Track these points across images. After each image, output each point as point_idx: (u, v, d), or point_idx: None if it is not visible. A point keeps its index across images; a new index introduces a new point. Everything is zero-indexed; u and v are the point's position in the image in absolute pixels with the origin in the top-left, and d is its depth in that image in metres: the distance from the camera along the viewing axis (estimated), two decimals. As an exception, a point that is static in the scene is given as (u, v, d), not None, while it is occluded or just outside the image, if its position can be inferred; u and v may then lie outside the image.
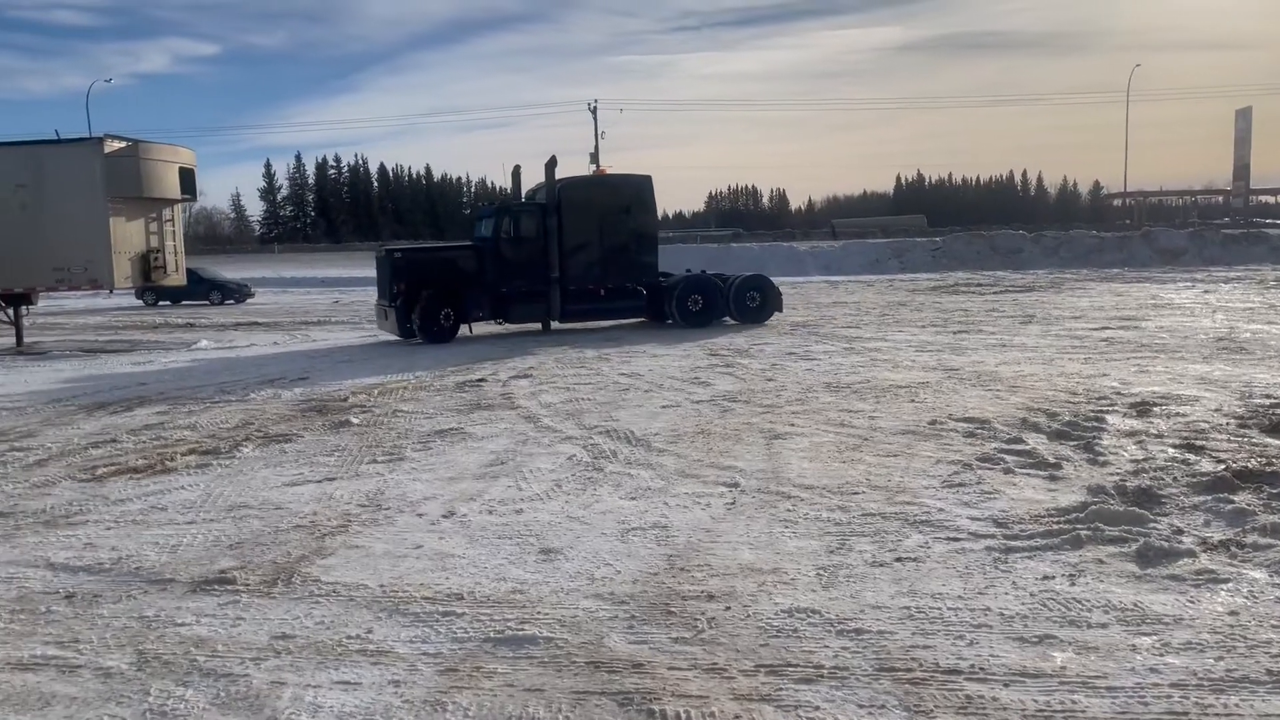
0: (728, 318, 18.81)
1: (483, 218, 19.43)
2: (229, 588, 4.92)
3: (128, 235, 18.42)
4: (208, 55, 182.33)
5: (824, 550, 5.25)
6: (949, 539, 5.36)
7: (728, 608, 4.48)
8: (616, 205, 18.79)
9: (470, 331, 18.26)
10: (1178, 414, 8.46)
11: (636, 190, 19.32)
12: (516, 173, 20.95)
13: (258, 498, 6.73)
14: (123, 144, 18.24)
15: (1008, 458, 7.09)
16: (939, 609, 4.39)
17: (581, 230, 18.39)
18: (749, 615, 4.39)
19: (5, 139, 19.37)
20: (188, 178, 19.59)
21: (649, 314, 19.19)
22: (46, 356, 17.51)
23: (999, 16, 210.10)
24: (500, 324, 18.64)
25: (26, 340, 19.52)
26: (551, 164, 18.56)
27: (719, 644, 4.09)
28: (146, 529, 6.05)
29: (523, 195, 20.25)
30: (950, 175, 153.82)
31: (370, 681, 3.84)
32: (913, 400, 9.66)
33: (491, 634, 4.26)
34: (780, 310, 19.23)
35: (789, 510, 6.00)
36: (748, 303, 18.83)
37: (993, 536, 5.37)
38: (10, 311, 19.56)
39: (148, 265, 18.98)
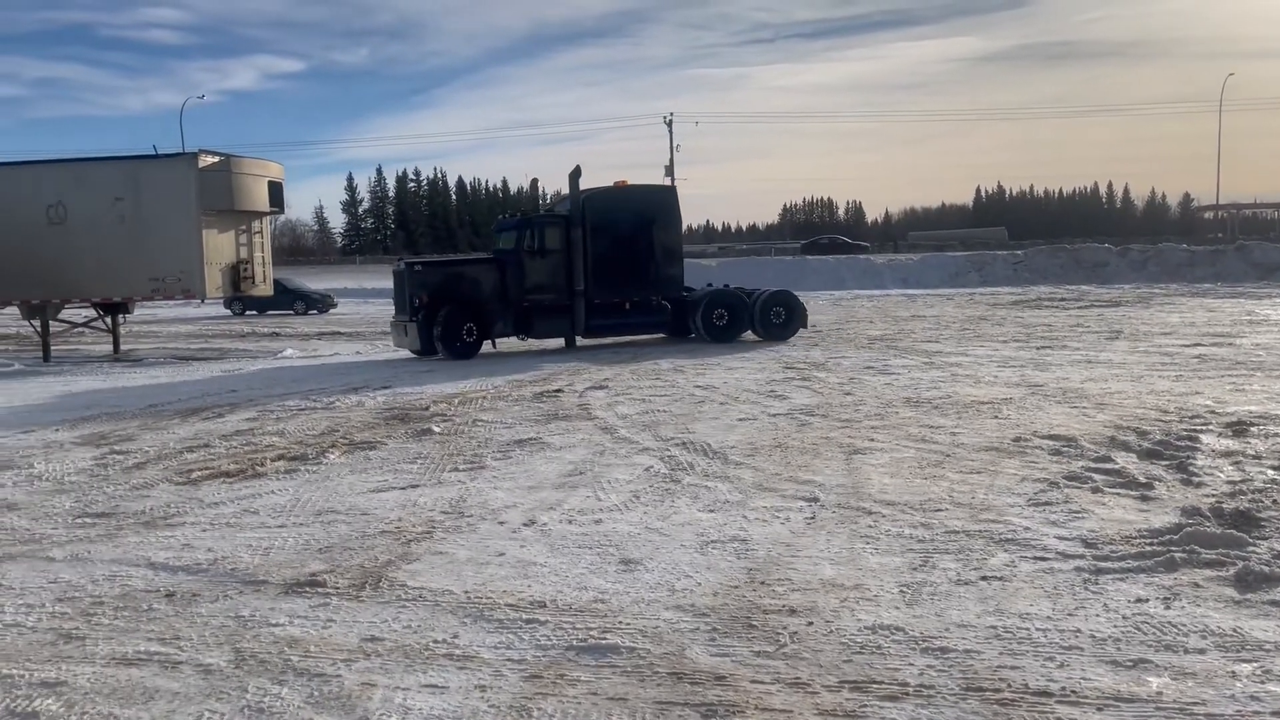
0: (750, 333, 18.31)
1: (504, 230, 18.94)
2: (319, 590, 5.06)
3: (219, 246, 19.05)
4: (293, 72, 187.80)
5: (907, 567, 5.19)
6: (1036, 558, 5.26)
7: (810, 623, 4.46)
8: (641, 217, 18.33)
9: (494, 347, 17.70)
10: (1276, 434, 8.16)
11: (661, 202, 18.98)
12: (535, 184, 20.85)
13: (345, 503, 6.90)
14: (215, 159, 18.89)
15: (1096, 476, 6.92)
16: (1027, 629, 4.31)
17: (606, 243, 17.88)
18: (831, 631, 4.36)
19: (105, 154, 20.21)
20: (276, 191, 20.19)
21: (671, 329, 18.71)
22: (142, 363, 18.19)
23: (1080, 26, 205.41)
24: (522, 340, 18.12)
25: (123, 347, 20.30)
26: (576, 174, 18.08)
27: (802, 659, 4.08)
28: (240, 531, 6.25)
29: (540, 208, 19.92)
30: (1032, 187, 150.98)
31: (457, 686, 3.91)
32: (995, 416, 9.49)
33: (574, 642, 4.31)
34: (805, 326, 18.75)
35: (870, 526, 5.95)
36: (773, 318, 18.36)
37: (1082, 557, 5.25)
38: (108, 320, 20.38)
39: (237, 275, 19.59)
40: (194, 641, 4.43)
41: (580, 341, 18.38)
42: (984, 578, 4.98)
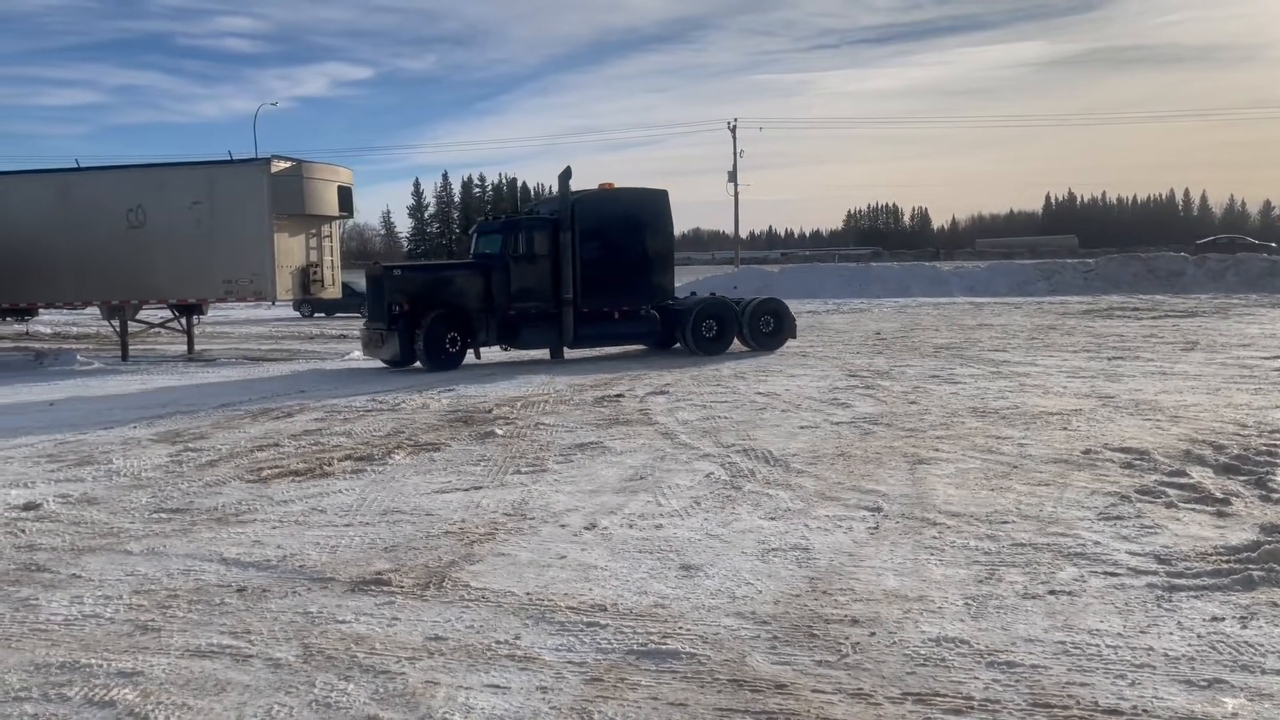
0: (739, 343, 17.62)
1: (486, 233, 17.79)
2: (385, 589, 5.15)
3: (290, 250, 19.47)
4: (362, 79, 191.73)
5: (972, 579, 5.11)
6: (1107, 574, 5.14)
7: (872, 633, 4.42)
8: (632, 222, 17.46)
9: (478, 358, 16.81)
10: (1362, 451, 7.87)
11: (652, 206, 17.96)
12: (512, 185, 19.57)
13: (409, 503, 7.01)
14: (288, 164, 19.32)
15: (1170, 491, 6.74)
16: (1097, 646, 4.21)
17: (596, 248, 16.96)
18: (895, 642, 4.31)
19: (182, 159, 20.79)
20: (345, 196, 20.57)
21: (657, 340, 17.78)
22: (214, 363, 18.67)
23: (1154, 29, 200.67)
24: (505, 350, 17.22)
25: (197, 348, 20.86)
26: (566, 175, 17.00)
27: (864, 669, 4.04)
28: (308, 529, 6.38)
29: (519, 209, 18.81)
30: (1104, 194, 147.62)
31: (519, 686, 3.95)
32: (1065, 428, 9.29)
33: (635, 646, 4.32)
34: (794, 336, 18.14)
35: (934, 537, 5.87)
36: (762, 327, 17.67)
37: (1155, 573, 5.12)
38: (183, 320, 20.96)
39: (307, 279, 19.99)
40: (264, 636, 4.53)
41: (567, 354, 17.30)
42: (1052, 592, 4.88)
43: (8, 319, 23.49)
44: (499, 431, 9.81)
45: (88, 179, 20.22)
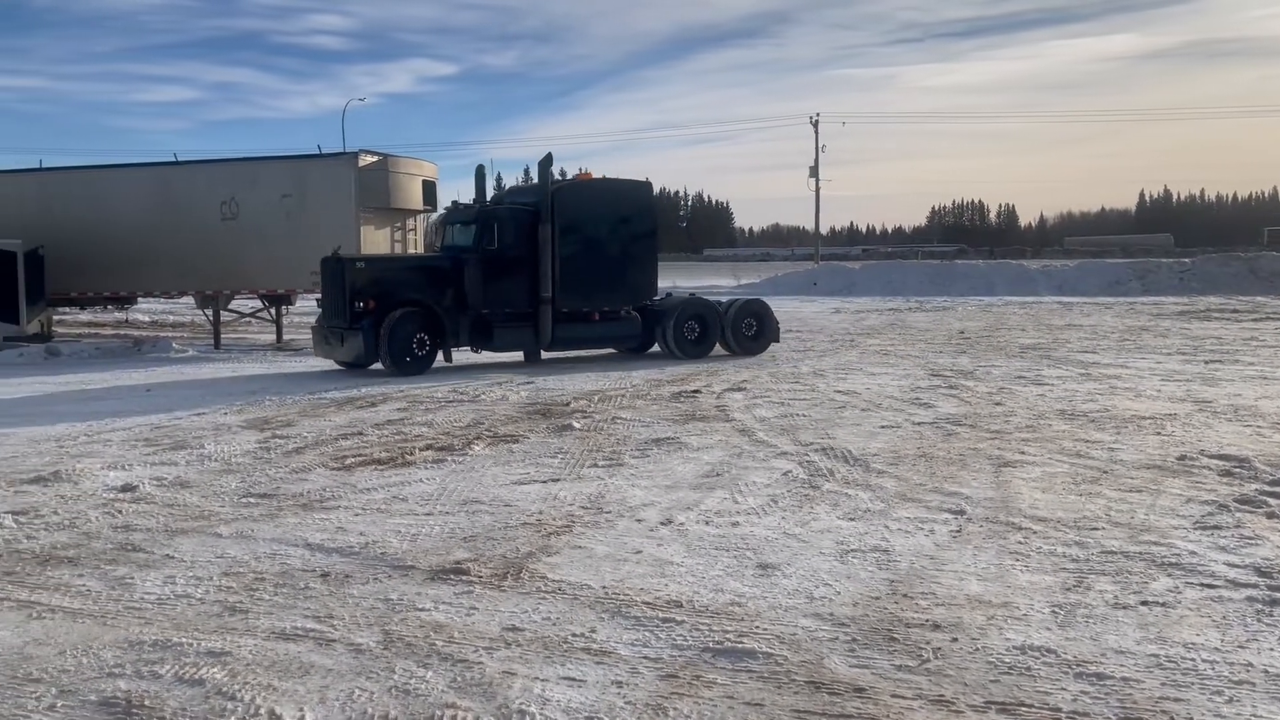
0: (719, 347, 16.63)
1: (455, 223, 16.25)
2: (464, 578, 5.20)
3: (375, 242, 19.82)
4: (446, 75, 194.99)
5: (1059, 587, 4.96)
6: (1203, 585, 4.94)
7: (955, 639, 4.31)
8: (614, 214, 16.28)
9: (449, 361, 15.41)
10: None
11: (636, 199, 17.00)
12: (481, 172, 17.42)
13: (488, 494, 7.08)
14: (374, 158, 19.69)
15: (1271, 501, 6.45)
16: (1192, 660, 4.05)
17: (576, 243, 15.80)
18: (978, 649, 4.21)
19: (274, 154, 21.34)
20: (429, 190, 20.88)
21: (638, 343, 16.75)
22: (302, 352, 19.12)
23: (1253, 22, 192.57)
24: (476, 352, 15.87)
25: (285, 337, 21.41)
26: (547, 162, 15.90)
27: (946, 675, 3.95)
28: (389, 517, 6.49)
29: (485, 196, 17.06)
30: (1202, 191, 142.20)
31: (594, 680, 3.95)
32: (1158, 433, 8.97)
33: (710, 644, 4.29)
34: (778, 340, 17.20)
35: (1020, 542, 5.71)
36: (745, 330, 16.71)
37: (1255, 586, 4.90)
38: (273, 310, 21.53)
39: (391, 271, 20.31)
40: (346, 621, 4.62)
41: (544, 355, 16.31)
42: (1144, 603, 4.71)
43: (109, 307, 24.45)
44: (576, 425, 9.86)
45: (184, 173, 20.92)
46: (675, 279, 50.80)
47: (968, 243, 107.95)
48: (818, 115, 65.31)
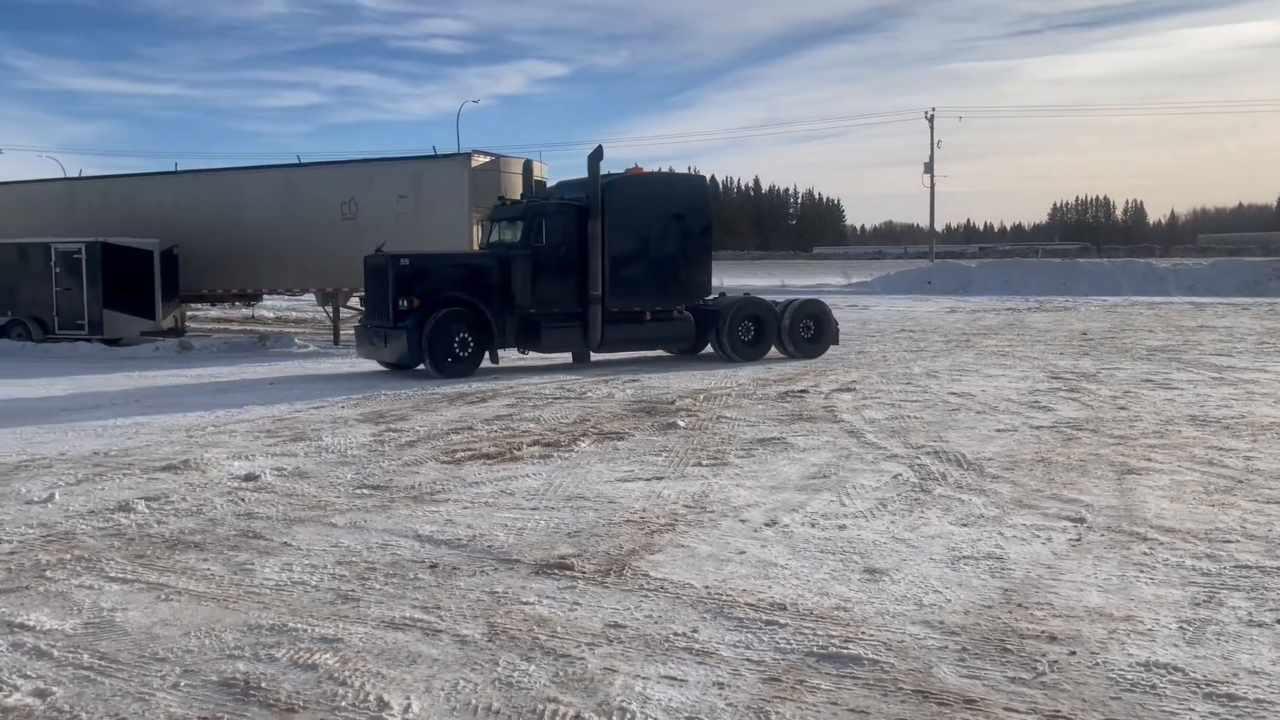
0: (775, 350, 16.09)
1: (502, 220, 15.79)
2: (567, 573, 5.24)
3: (487, 242, 20.21)
4: (557, 76, 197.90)
5: (1188, 602, 4.70)
6: (1349, 605, 4.61)
7: (1072, 652, 4.13)
8: (668, 210, 15.69)
9: (495, 362, 14.97)
10: None
11: (691, 195, 16.52)
12: (528, 168, 17.27)
13: (593, 490, 7.12)
14: (487, 158, 20.06)
15: None
16: (1336, 685, 3.78)
17: (628, 240, 15.28)
18: (1097, 664, 4.01)
19: (392, 155, 21.96)
20: (539, 189, 21.15)
21: (689, 344, 16.27)
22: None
23: None
24: (524, 354, 15.57)
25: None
26: (596, 156, 15.07)
27: (1062, 690, 3.78)
28: (497, 511, 6.59)
29: (533, 192, 16.62)
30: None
31: (695, 680, 3.92)
32: (1300, 441, 8.44)
33: (815, 648, 4.21)
34: (836, 343, 16.50)
35: (1145, 553, 5.44)
36: (802, 333, 16.09)
37: None
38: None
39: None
40: (453, 612, 4.70)
41: (593, 357, 15.87)
42: (1282, 622, 4.42)
43: (237, 304, 25.54)
44: (681, 423, 9.84)
45: (307, 174, 21.70)
46: (783, 277, 50.41)
47: (1092, 240, 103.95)
48: (933, 110, 63.88)
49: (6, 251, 21.27)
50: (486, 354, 14.73)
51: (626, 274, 15.31)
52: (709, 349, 16.26)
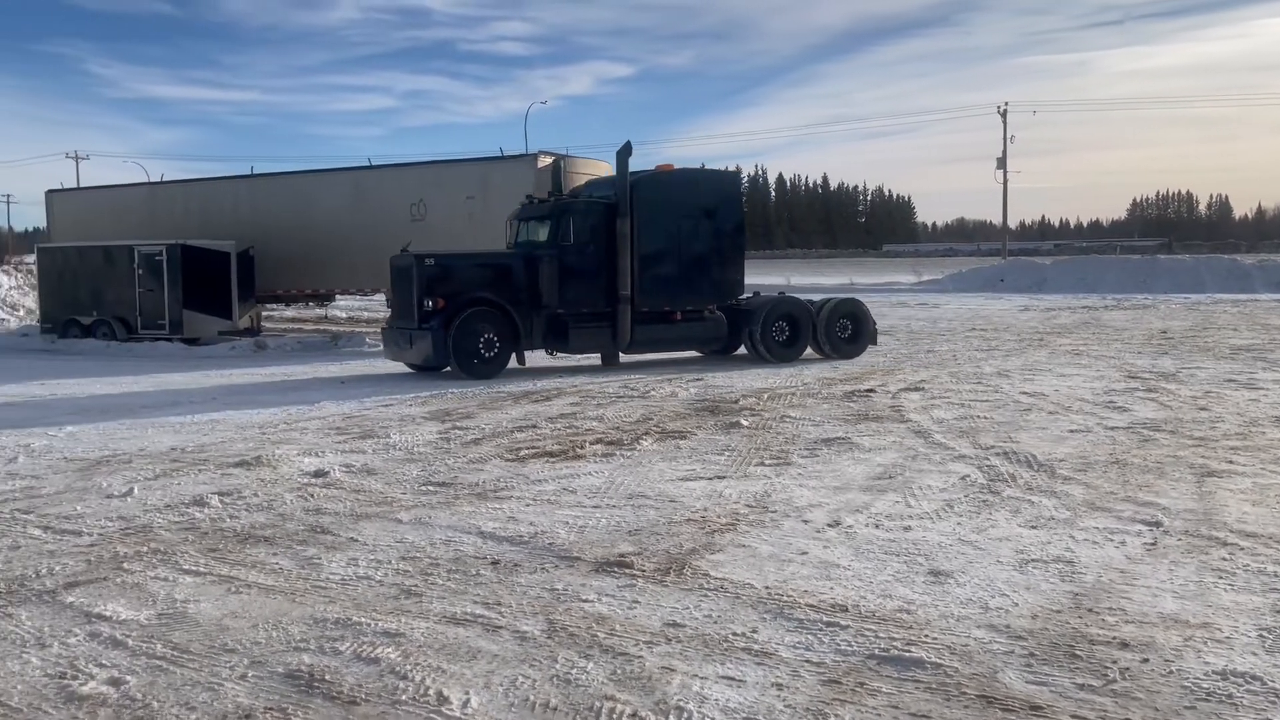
0: (811, 350, 15.72)
1: (529, 218, 15.49)
2: (627, 571, 5.24)
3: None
4: (624, 76, 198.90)
5: (1269, 609, 4.52)
6: None
7: (1145, 659, 4.00)
8: (698, 207, 15.37)
9: (522, 364, 14.79)
10: None
11: (722, 189, 16.20)
12: (557, 167, 17.01)
13: (654, 489, 7.11)
14: (552, 159, 20.19)
15: None
16: None
17: (658, 238, 14.97)
18: (1171, 672, 3.88)
19: (459, 156, 22.23)
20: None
21: (721, 344, 15.96)
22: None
23: None
24: (552, 355, 15.31)
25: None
26: (625, 152, 14.82)
27: (1134, 699, 3.66)
28: (558, 509, 6.62)
29: (560, 191, 16.24)
30: None
31: (754, 681, 3.89)
32: (1393, 443, 8.07)
33: (876, 651, 4.15)
34: (874, 343, 16.15)
35: (1224, 559, 5.25)
36: (839, 332, 15.72)
37: None
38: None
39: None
40: (513, 609, 4.73)
41: (622, 358, 15.55)
42: (1371, 632, 4.23)
43: (310, 304, 26.12)
44: (744, 422, 9.78)
45: (377, 176, 22.10)
46: (851, 275, 49.86)
47: (1173, 236, 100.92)
48: (1006, 105, 62.71)
49: (93, 254, 22.07)
50: (514, 356, 14.59)
51: (656, 273, 15.08)
52: (742, 350, 15.99)
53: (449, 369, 14.29)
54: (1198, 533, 5.73)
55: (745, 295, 16.28)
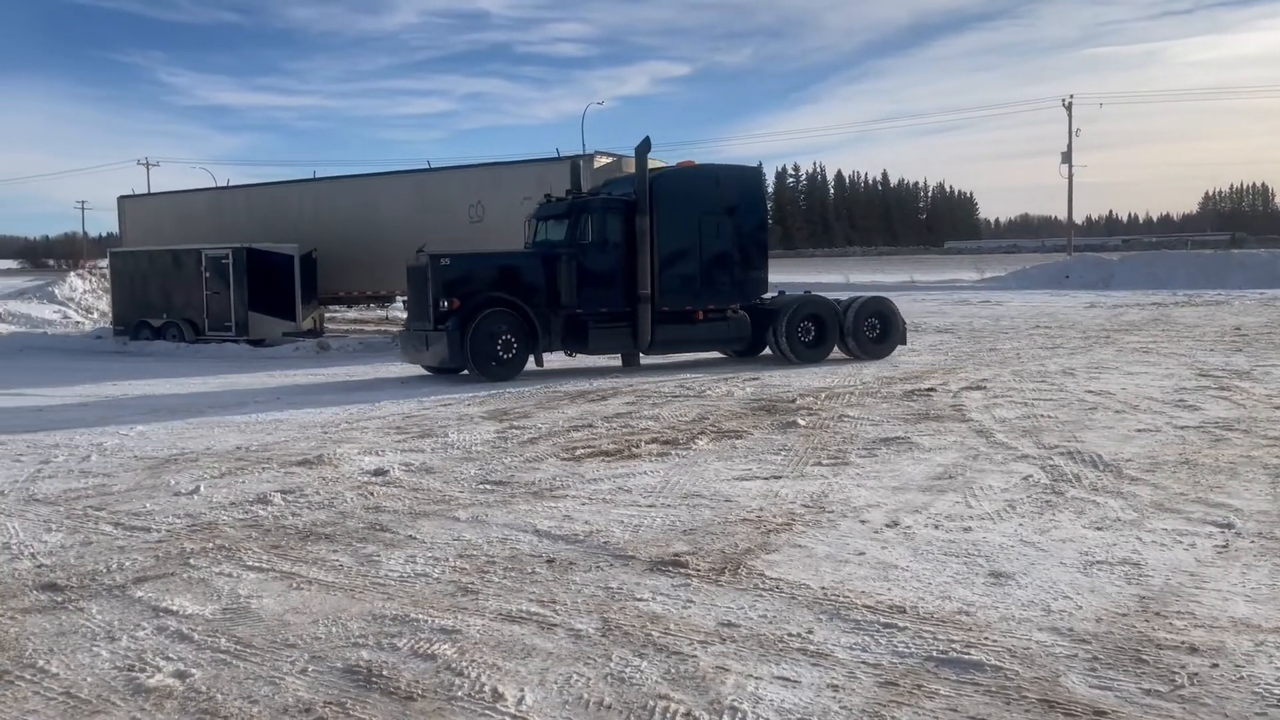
0: (838, 350, 15.41)
1: (547, 217, 15.20)
2: (682, 571, 5.23)
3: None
4: (681, 75, 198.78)
5: (1348, 615, 4.36)
6: None
7: (1215, 664, 3.88)
8: (720, 204, 15.08)
9: (540, 365, 14.54)
10: None
11: (744, 185, 15.78)
12: (575, 164, 16.80)
13: (710, 489, 7.09)
14: (609, 159, 20.24)
15: None
16: None
17: (679, 236, 14.69)
18: (1242, 677, 3.76)
19: (516, 158, 22.40)
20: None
21: (745, 345, 15.65)
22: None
23: None
24: (570, 355, 15.08)
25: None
26: (644, 148, 14.55)
27: (1202, 704, 3.56)
28: (614, 508, 6.63)
29: (578, 188, 15.90)
30: None
31: (809, 682, 3.85)
32: None
33: (934, 653, 4.08)
34: (904, 343, 15.71)
35: (1300, 562, 5.08)
36: (867, 332, 15.32)
37: None
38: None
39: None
40: (568, 607, 4.75)
41: (643, 360, 15.38)
42: None
43: (372, 305, 26.51)
44: (801, 422, 9.71)
45: (437, 178, 22.38)
46: (911, 273, 49.22)
47: (1248, 230, 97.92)
48: (1071, 97, 61.13)
49: (162, 258, 22.68)
50: (531, 357, 14.38)
51: (677, 272, 14.81)
52: (767, 350, 15.69)
53: (465, 372, 14.16)
54: (1272, 535, 5.55)
55: (770, 294, 15.98)
